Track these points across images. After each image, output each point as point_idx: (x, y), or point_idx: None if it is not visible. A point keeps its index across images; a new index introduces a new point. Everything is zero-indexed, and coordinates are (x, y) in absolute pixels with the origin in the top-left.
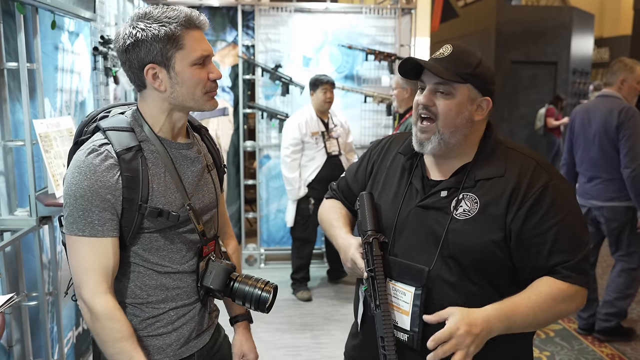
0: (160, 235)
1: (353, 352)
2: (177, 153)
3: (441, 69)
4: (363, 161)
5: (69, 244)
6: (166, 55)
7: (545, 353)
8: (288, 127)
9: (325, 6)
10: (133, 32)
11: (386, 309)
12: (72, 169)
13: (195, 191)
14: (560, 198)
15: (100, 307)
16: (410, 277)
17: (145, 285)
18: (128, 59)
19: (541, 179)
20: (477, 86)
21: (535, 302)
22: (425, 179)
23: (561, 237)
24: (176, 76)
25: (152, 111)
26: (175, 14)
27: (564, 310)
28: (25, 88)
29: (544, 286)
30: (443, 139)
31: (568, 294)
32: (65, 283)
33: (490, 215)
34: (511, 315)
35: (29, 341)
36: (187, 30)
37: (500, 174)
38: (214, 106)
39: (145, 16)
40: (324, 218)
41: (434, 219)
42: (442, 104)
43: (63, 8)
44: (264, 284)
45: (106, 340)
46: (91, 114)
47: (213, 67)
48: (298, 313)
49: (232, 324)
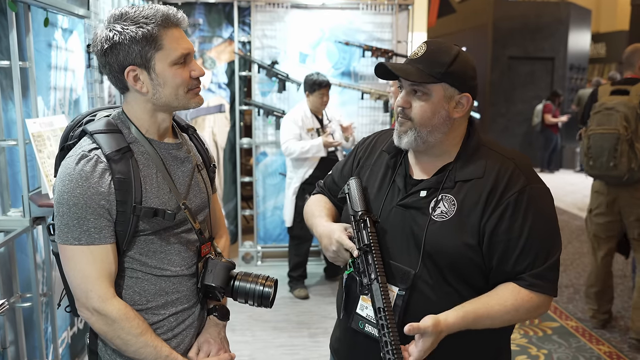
0: (157, 237)
1: (336, 344)
2: (167, 153)
3: (412, 71)
4: (349, 158)
5: (66, 255)
6: (145, 57)
7: (543, 351)
8: (286, 124)
9: (322, 2)
10: (110, 35)
11: (383, 280)
12: (62, 176)
13: (187, 191)
14: (536, 203)
15: (115, 310)
16: (397, 278)
17: (144, 290)
18: (107, 62)
19: (518, 183)
20: (452, 84)
21: (497, 313)
22: (408, 178)
23: (530, 243)
24: (157, 77)
25: (136, 113)
26: (151, 12)
27: (525, 318)
28: (18, 87)
29: (509, 296)
30: (420, 137)
31: (531, 305)
32: (59, 284)
33: (466, 218)
34: (471, 324)
35: (23, 342)
36: (165, 29)
37: (479, 175)
38: (199, 103)
39: (122, 17)
40: (307, 211)
41: (413, 219)
42: (417, 106)
43: (56, 5)
44: (265, 279)
45: (128, 339)
46: (76, 118)
47: (195, 65)
48: (295, 311)
49: None
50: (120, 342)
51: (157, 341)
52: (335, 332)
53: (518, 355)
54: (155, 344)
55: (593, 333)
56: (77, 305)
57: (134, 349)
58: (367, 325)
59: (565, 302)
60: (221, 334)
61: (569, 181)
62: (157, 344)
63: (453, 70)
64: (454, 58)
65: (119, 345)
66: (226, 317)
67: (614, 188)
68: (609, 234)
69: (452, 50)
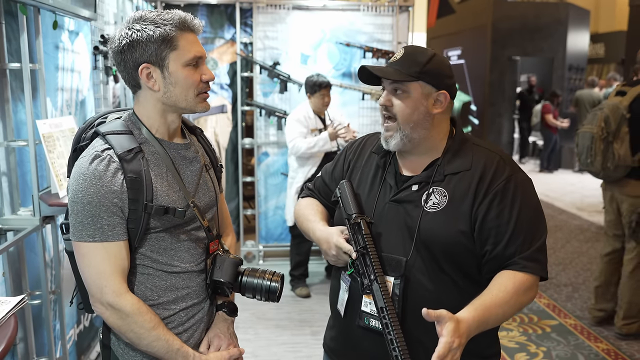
0: (168, 234)
1: (332, 343)
2: (176, 153)
3: (391, 72)
4: (339, 160)
5: (80, 252)
6: (160, 56)
7: (542, 349)
8: (291, 123)
9: (323, 3)
10: (129, 33)
11: (382, 280)
12: (76, 176)
13: (195, 190)
14: (521, 191)
15: (129, 305)
16: (390, 268)
17: (155, 286)
18: (123, 59)
19: (504, 172)
20: (429, 82)
21: (503, 300)
22: (398, 175)
23: (519, 228)
24: (170, 76)
25: (147, 112)
26: (170, 16)
27: (525, 302)
28: (28, 88)
29: (507, 281)
30: (405, 135)
31: (527, 285)
32: (68, 281)
33: (458, 207)
34: (486, 320)
35: (32, 339)
36: (182, 32)
37: (467, 168)
38: (206, 108)
39: (141, 19)
40: (299, 214)
41: (407, 212)
42: (398, 104)
43: (64, 8)
44: (271, 274)
45: (141, 333)
46: (88, 120)
47: (206, 69)
48: (297, 309)
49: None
50: (133, 336)
51: (169, 335)
52: (329, 332)
53: (517, 352)
54: (167, 338)
55: (591, 331)
56: (92, 301)
57: (147, 342)
58: (372, 320)
59: (564, 300)
60: (230, 329)
61: (568, 181)
62: (169, 338)
63: (429, 69)
64: (429, 58)
65: (132, 339)
66: (234, 312)
67: (609, 185)
68: (615, 232)
69: (427, 52)
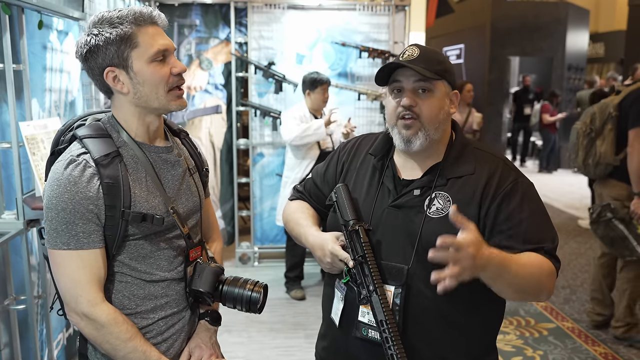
0: (146, 241)
1: (324, 353)
2: (157, 157)
3: (421, 69)
4: (331, 162)
5: (55, 260)
6: (122, 56)
7: (539, 352)
8: (287, 119)
9: (319, 3)
10: (88, 39)
11: (382, 292)
12: (51, 181)
13: (177, 195)
14: (528, 194)
15: (104, 315)
16: (390, 276)
17: (133, 295)
18: (89, 66)
19: (510, 176)
20: (449, 81)
21: (526, 264)
22: (397, 179)
23: (532, 229)
24: (136, 76)
25: (124, 116)
26: (125, 12)
27: (544, 283)
28: (11, 89)
29: (533, 256)
30: (429, 135)
31: (549, 271)
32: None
33: (463, 212)
34: (506, 266)
35: (17, 344)
36: (140, 27)
37: (471, 172)
38: (180, 106)
39: (99, 21)
40: (289, 219)
41: (408, 217)
42: (426, 103)
43: (50, 8)
44: (253, 284)
45: (117, 344)
46: (67, 122)
47: (175, 62)
48: (291, 312)
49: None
50: (109, 347)
51: (146, 346)
52: (321, 341)
53: (514, 356)
54: (144, 349)
55: (589, 334)
56: (67, 310)
57: (123, 354)
58: (370, 331)
59: (561, 303)
60: (212, 339)
61: (567, 182)
62: (146, 349)
63: (448, 67)
64: (445, 57)
65: (107, 350)
66: (218, 322)
67: (597, 185)
68: None
69: (440, 51)
